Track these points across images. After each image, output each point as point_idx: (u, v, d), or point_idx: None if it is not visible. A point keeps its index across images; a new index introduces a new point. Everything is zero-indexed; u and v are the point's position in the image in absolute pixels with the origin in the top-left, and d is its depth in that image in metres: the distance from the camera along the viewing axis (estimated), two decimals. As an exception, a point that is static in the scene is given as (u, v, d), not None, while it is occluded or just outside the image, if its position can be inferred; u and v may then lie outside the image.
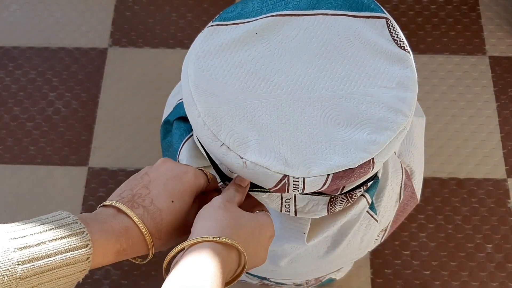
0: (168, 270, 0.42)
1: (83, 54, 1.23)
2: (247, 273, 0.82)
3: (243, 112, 0.50)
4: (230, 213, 0.44)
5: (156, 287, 1.02)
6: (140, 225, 0.42)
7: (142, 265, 1.03)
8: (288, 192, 0.50)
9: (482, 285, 1.01)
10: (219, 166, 0.56)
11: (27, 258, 0.35)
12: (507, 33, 1.24)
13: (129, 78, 1.20)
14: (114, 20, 1.27)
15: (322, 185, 0.49)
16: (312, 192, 0.54)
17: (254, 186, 0.53)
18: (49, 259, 0.36)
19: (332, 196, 0.57)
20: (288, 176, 0.48)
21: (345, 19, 0.55)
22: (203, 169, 0.50)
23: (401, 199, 0.67)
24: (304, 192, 0.50)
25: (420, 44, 1.24)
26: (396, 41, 0.54)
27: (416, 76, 0.53)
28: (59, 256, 0.36)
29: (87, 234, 0.38)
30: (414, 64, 0.54)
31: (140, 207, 0.43)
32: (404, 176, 0.66)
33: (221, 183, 0.56)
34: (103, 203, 0.43)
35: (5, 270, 0.33)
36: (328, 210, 0.58)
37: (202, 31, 0.55)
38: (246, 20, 0.55)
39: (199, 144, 0.58)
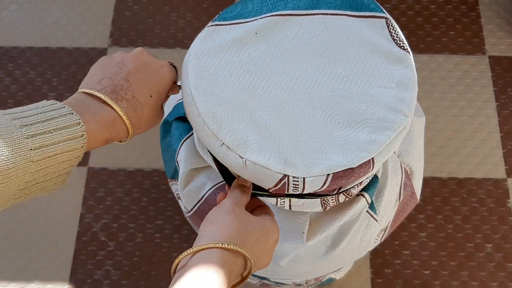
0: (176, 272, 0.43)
1: (82, 54, 1.23)
2: (247, 273, 0.82)
3: (243, 112, 0.50)
4: (238, 219, 0.45)
5: (156, 287, 1.02)
6: (125, 119, 0.46)
7: (142, 265, 1.03)
8: (288, 192, 0.50)
9: (482, 284, 1.01)
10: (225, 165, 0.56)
11: (37, 145, 0.39)
12: (506, 33, 1.24)
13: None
14: (113, 20, 1.27)
15: (322, 185, 0.49)
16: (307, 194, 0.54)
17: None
18: (54, 146, 0.40)
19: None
20: (288, 176, 0.48)
21: (345, 19, 0.54)
22: (171, 62, 0.52)
23: (401, 198, 0.67)
24: (304, 192, 0.50)
25: (420, 43, 1.24)
26: (396, 41, 0.54)
27: (416, 76, 0.53)
28: (61, 144, 0.41)
29: (82, 125, 0.42)
30: (414, 63, 0.54)
31: (123, 100, 0.46)
32: (403, 175, 0.66)
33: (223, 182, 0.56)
34: (85, 90, 0.46)
35: (21, 153, 0.38)
36: (321, 204, 0.58)
37: (202, 31, 0.55)
38: (246, 20, 0.55)
39: (197, 143, 0.58)
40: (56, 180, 0.43)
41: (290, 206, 0.57)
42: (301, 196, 0.55)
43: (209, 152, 0.55)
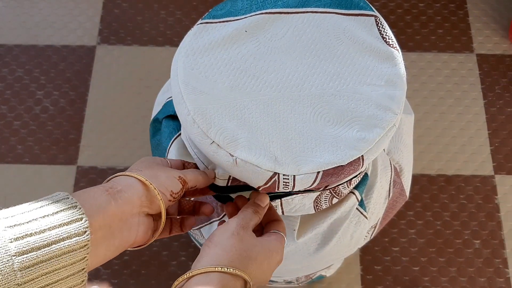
0: None
1: (71, 52, 1.22)
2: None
3: (233, 110, 0.50)
4: (242, 242, 0.44)
5: (146, 286, 1.02)
6: (118, 173, 0.42)
7: (132, 265, 1.02)
8: (278, 189, 0.50)
9: (470, 280, 1.02)
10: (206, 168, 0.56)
11: (24, 249, 0.32)
12: (494, 31, 1.25)
13: (118, 76, 1.20)
14: (102, 18, 1.26)
15: (312, 182, 0.49)
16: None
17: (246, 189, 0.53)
18: (47, 248, 0.33)
19: (318, 194, 0.57)
20: (278, 173, 0.48)
21: (335, 17, 0.55)
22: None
23: (390, 196, 0.68)
24: (294, 190, 0.50)
25: (409, 42, 1.25)
26: (385, 39, 0.54)
27: (405, 73, 0.53)
28: (56, 245, 0.33)
29: (86, 221, 0.35)
30: (402, 62, 0.54)
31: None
32: (393, 173, 0.67)
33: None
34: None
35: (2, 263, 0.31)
36: (314, 207, 0.58)
37: (192, 28, 0.55)
38: (236, 17, 0.55)
39: (187, 143, 0.58)
40: (69, 281, 0.34)
41: (282, 211, 0.57)
42: (290, 193, 0.56)
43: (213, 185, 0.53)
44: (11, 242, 0.31)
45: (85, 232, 0.34)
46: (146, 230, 0.44)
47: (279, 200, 0.56)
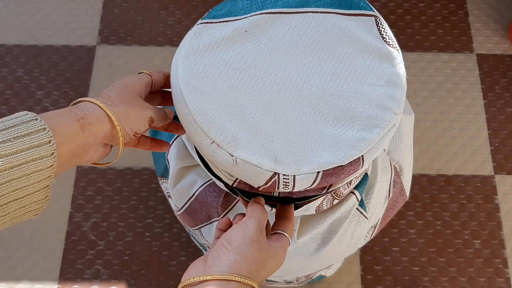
0: None
1: (71, 52, 1.22)
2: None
3: (233, 110, 0.50)
4: (260, 252, 0.45)
5: (146, 286, 1.02)
6: (86, 99, 0.44)
7: (132, 264, 1.03)
8: (278, 189, 0.50)
9: (470, 280, 1.02)
10: (209, 165, 0.56)
11: None
12: (494, 31, 1.25)
13: (118, 76, 1.20)
14: (102, 18, 1.26)
15: (312, 182, 0.49)
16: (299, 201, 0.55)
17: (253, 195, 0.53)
18: (15, 155, 0.37)
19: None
20: (278, 173, 0.48)
21: (334, 17, 0.55)
22: (145, 71, 0.52)
23: (390, 196, 0.68)
24: (294, 190, 0.50)
25: (409, 42, 1.25)
26: (385, 39, 0.54)
27: (405, 73, 0.53)
28: (24, 152, 0.37)
29: (48, 131, 0.39)
30: (402, 62, 0.54)
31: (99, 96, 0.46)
32: (393, 173, 0.67)
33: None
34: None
35: None
36: (316, 209, 0.58)
37: (192, 28, 0.55)
38: (236, 18, 0.55)
39: (187, 143, 0.58)
40: (34, 197, 0.39)
41: None
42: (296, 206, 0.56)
43: (196, 150, 0.55)
44: None
45: (52, 154, 0.39)
46: (101, 155, 0.47)
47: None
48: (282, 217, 0.52)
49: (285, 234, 0.50)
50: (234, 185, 0.54)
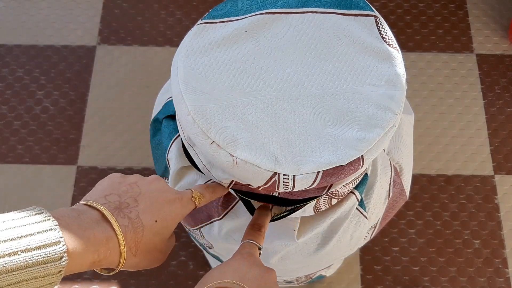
0: None
1: (71, 52, 1.22)
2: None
3: (233, 110, 0.50)
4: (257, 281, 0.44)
5: (146, 286, 1.02)
6: (121, 238, 0.39)
7: (132, 264, 1.03)
8: (278, 189, 0.50)
9: (470, 280, 1.02)
10: (201, 170, 0.56)
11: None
12: (494, 31, 1.26)
13: (118, 76, 1.20)
14: (102, 18, 1.26)
15: (312, 182, 0.49)
16: (295, 204, 0.55)
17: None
18: (19, 271, 0.33)
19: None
20: (278, 173, 0.48)
21: (334, 17, 0.55)
22: (193, 193, 0.48)
23: (390, 196, 0.68)
24: (294, 190, 0.50)
25: (409, 42, 1.25)
26: (385, 39, 0.54)
27: (405, 74, 0.53)
28: (30, 268, 0.33)
29: (64, 245, 0.34)
30: (402, 62, 0.54)
31: (126, 218, 0.40)
32: (393, 173, 0.67)
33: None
34: (86, 202, 0.40)
35: None
36: (314, 210, 0.58)
37: (192, 29, 0.55)
38: (236, 18, 0.55)
39: (186, 143, 0.58)
40: None
41: None
42: (292, 210, 0.56)
43: (188, 154, 0.55)
44: None
45: (62, 257, 0.35)
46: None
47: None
48: (256, 229, 0.52)
49: (255, 244, 0.50)
50: (230, 187, 0.54)
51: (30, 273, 0.33)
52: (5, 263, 0.32)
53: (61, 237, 0.34)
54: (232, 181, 0.52)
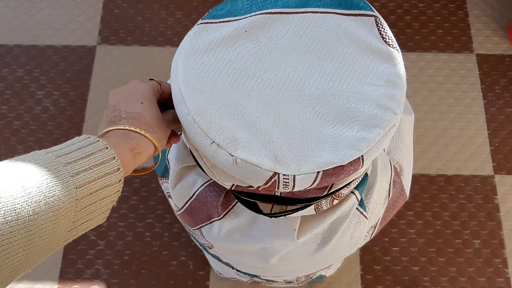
0: None
1: (71, 52, 1.22)
2: (237, 270, 0.82)
3: (233, 110, 0.50)
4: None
5: (146, 286, 1.02)
6: (138, 130, 0.47)
7: (132, 264, 1.03)
8: (278, 189, 0.50)
9: (470, 280, 1.02)
10: (206, 172, 0.56)
11: (82, 182, 0.40)
12: (494, 31, 1.26)
13: (118, 76, 1.20)
14: (102, 18, 1.26)
15: (312, 182, 0.49)
16: (295, 207, 0.55)
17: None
18: (95, 182, 0.40)
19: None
20: (278, 173, 0.48)
21: (334, 17, 0.55)
22: (153, 78, 0.55)
23: (390, 196, 0.68)
24: (294, 190, 0.50)
25: (409, 42, 1.25)
26: (385, 39, 0.54)
27: (405, 73, 0.53)
28: (101, 180, 0.41)
29: (117, 160, 0.43)
30: (402, 62, 0.54)
31: (123, 120, 0.48)
32: (393, 173, 0.67)
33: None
34: (105, 130, 0.48)
35: (68, 192, 0.38)
36: (315, 209, 0.58)
37: (192, 29, 0.55)
38: (236, 18, 0.55)
39: (187, 143, 0.58)
40: (98, 218, 0.42)
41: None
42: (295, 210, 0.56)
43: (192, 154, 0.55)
44: (72, 176, 0.39)
45: (120, 180, 0.43)
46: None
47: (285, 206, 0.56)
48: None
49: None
50: (232, 189, 0.54)
51: (101, 183, 0.41)
52: (83, 177, 0.40)
53: (114, 153, 0.43)
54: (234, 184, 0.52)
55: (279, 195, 0.55)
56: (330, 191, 0.56)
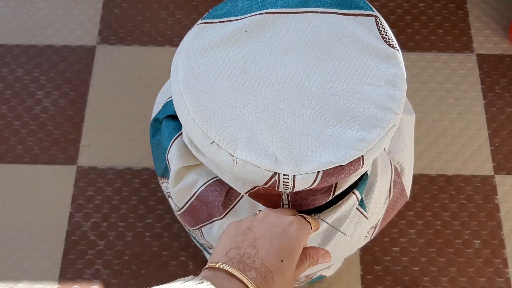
0: None
1: (71, 52, 1.22)
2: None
3: (233, 110, 0.50)
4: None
5: (146, 286, 1.02)
6: None
7: (132, 264, 1.03)
8: (278, 189, 0.50)
9: (470, 280, 1.02)
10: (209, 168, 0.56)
11: None
12: (494, 31, 1.25)
13: (118, 76, 1.20)
14: (102, 18, 1.26)
15: (312, 182, 0.49)
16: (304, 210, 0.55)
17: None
18: None
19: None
20: (278, 173, 0.48)
21: (334, 17, 0.55)
22: (305, 216, 0.48)
23: (391, 196, 0.68)
24: (294, 190, 0.50)
25: (409, 42, 1.25)
26: (385, 39, 0.54)
27: (405, 73, 0.53)
28: None
29: None
30: (403, 61, 0.54)
31: (252, 270, 0.41)
32: (393, 173, 0.67)
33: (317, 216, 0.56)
34: (211, 264, 0.42)
35: None
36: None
37: (192, 28, 0.55)
38: (236, 17, 0.55)
39: (188, 143, 0.58)
40: None
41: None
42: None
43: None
44: None
45: None
46: None
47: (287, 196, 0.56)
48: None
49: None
50: (247, 194, 0.54)
51: None
52: None
53: None
54: (252, 188, 0.52)
55: (286, 203, 0.55)
56: (334, 195, 0.56)
